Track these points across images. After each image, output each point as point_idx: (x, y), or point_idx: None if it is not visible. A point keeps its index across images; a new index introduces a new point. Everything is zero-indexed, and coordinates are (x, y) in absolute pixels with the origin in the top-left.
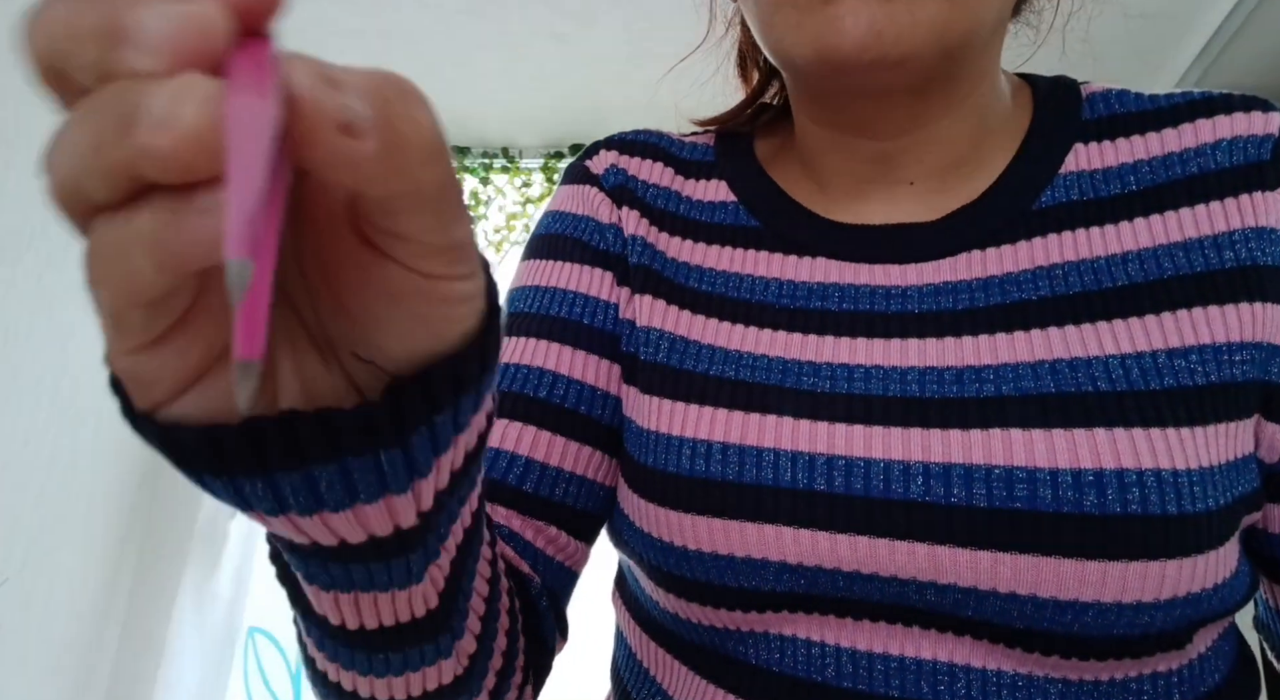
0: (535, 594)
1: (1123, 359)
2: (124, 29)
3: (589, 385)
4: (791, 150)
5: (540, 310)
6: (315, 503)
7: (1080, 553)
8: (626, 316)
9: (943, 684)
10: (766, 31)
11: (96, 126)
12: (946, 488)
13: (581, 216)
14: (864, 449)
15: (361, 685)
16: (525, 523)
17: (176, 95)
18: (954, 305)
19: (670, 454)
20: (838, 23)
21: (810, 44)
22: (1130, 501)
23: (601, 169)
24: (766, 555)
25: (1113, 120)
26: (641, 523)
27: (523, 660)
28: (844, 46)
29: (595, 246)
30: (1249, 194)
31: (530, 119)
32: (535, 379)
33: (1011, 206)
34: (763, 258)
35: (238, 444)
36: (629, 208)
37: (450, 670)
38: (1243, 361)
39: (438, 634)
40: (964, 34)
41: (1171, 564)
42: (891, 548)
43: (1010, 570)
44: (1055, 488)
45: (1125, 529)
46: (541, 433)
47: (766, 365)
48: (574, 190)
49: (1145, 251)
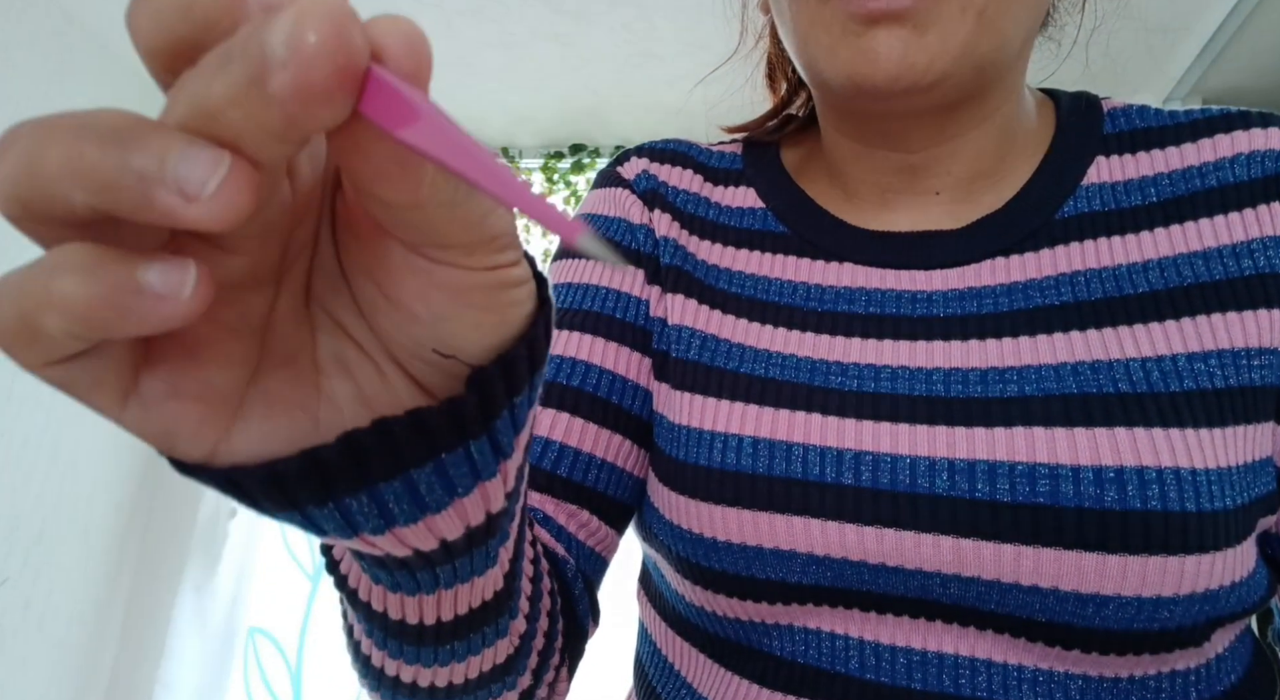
0: (570, 577)
1: (1143, 362)
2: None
3: (620, 376)
4: (818, 159)
5: (573, 305)
6: (418, 508)
7: (1101, 547)
8: (657, 315)
9: (964, 678)
10: (801, 52)
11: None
12: (971, 483)
13: (613, 218)
14: (891, 445)
15: (423, 676)
16: (559, 507)
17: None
18: (978, 309)
19: (702, 448)
20: (871, 53)
21: (844, 71)
22: (1150, 498)
23: (633, 174)
24: (795, 547)
25: (1133, 135)
26: (671, 515)
27: (561, 641)
28: (877, 77)
29: (626, 245)
30: (1267, 205)
31: (530, 119)
32: (569, 368)
33: (1035, 216)
34: (790, 262)
35: (338, 464)
36: (660, 211)
37: (505, 650)
38: (1261, 366)
39: (500, 616)
40: (992, 53)
41: (1190, 559)
42: (917, 540)
43: (1032, 563)
44: (1077, 484)
45: (1145, 524)
46: (575, 419)
47: (795, 364)
48: (606, 194)
49: (1165, 260)
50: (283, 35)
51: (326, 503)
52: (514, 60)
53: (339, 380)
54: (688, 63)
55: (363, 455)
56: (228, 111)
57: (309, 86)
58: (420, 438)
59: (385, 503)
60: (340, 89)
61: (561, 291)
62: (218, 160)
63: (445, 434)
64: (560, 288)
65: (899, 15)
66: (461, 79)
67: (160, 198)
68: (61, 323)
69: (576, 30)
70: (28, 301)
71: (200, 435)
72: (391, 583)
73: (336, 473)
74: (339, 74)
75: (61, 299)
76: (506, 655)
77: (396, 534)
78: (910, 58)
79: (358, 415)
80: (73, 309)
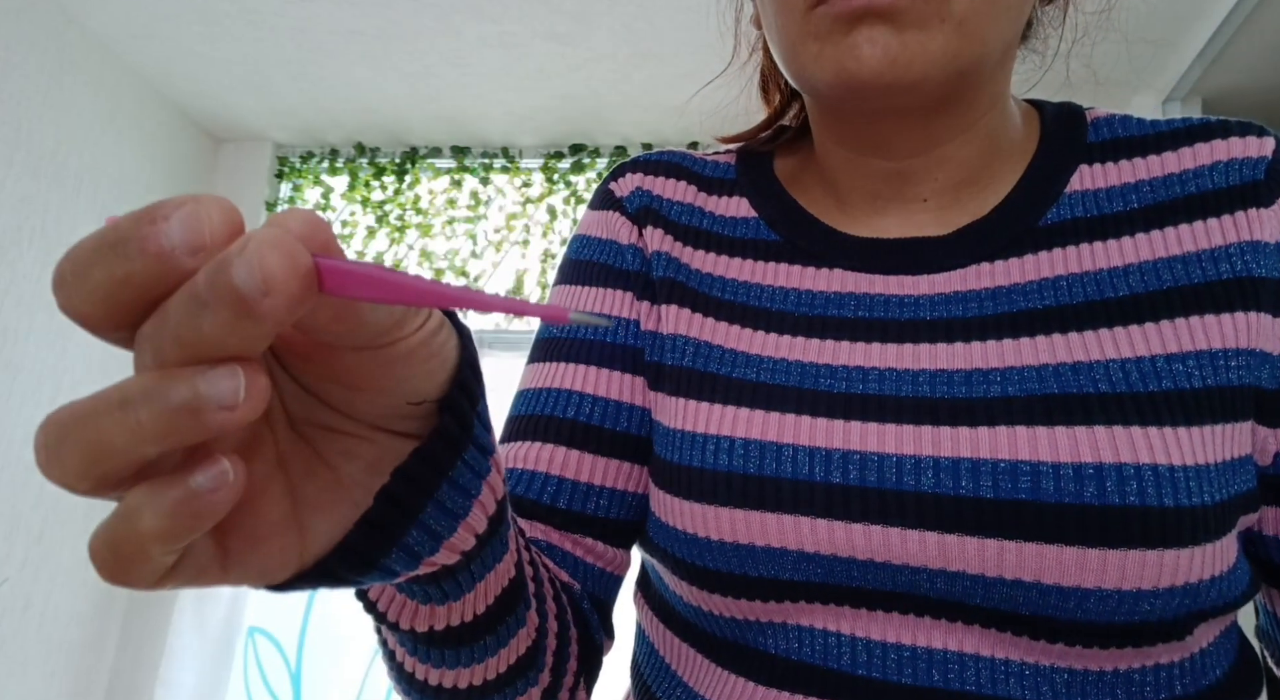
0: (577, 597)
1: (1123, 363)
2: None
3: (613, 400)
4: (810, 169)
5: (566, 334)
6: (453, 518)
7: (1081, 541)
8: (649, 328)
9: (953, 673)
10: (790, 60)
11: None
12: (955, 480)
13: (604, 240)
14: (878, 444)
15: (462, 678)
16: (563, 536)
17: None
18: (963, 313)
19: (695, 450)
20: (856, 50)
21: (831, 70)
22: (1129, 494)
23: (626, 192)
24: (785, 544)
25: (1115, 144)
26: (667, 517)
27: (576, 648)
28: (862, 73)
29: (615, 267)
30: (1244, 211)
31: (530, 119)
32: (564, 401)
33: (1019, 222)
34: (782, 269)
35: (384, 516)
36: (653, 226)
37: (525, 641)
38: (1238, 367)
39: (517, 604)
40: (974, 60)
41: (1169, 554)
42: (904, 536)
43: (1015, 558)
44: (1057, 480)
45: (1123, 519)
46: (571, 452)
47: (785, 368)
48: (598, 216)
49: (1145, 264)
50: (257, 273)
51: (391, 549)
52: (514, 60)
53: (349, 463)
54: (688, 63)
55: (398, 500)
56: (226, 339)
57: (291, 299)
58: (429, 467)
59: (429, 526)
60: (310, 288)
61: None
62: (233, 371)
63: (444, 456)
64: None
65: (880, 12)
66: (461, 79)
67: (213, 418)
68: (161, 548)
69: (576, 30)
70: (129, 546)
71: (286, 559)
72: (428, 595)
73: (386, 522)
74: (305, 280)
75: (153, 533)
76: (527, 647)
77: (447, 546)
78: (892, 54)
79: (376, 477)
80: (165, 539)
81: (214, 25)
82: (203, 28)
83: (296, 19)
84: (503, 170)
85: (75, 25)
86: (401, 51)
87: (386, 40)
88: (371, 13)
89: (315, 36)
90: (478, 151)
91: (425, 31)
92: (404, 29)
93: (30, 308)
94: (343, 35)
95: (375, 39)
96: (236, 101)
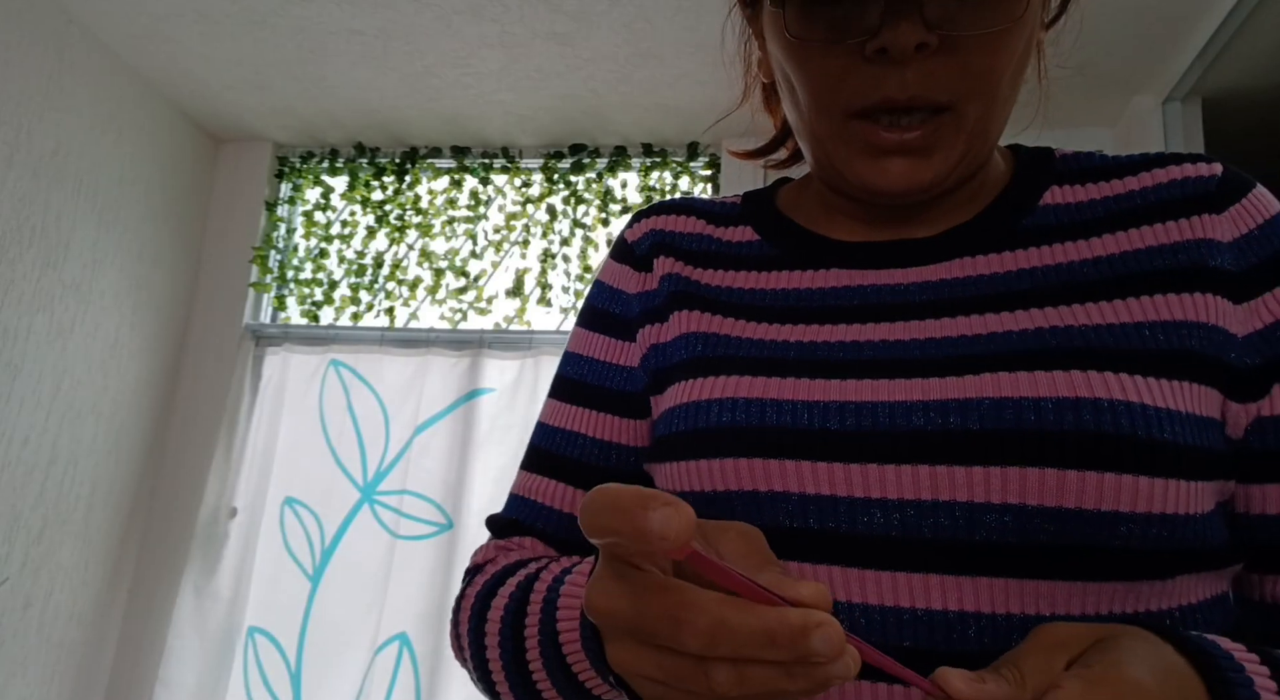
0: None
1: (1095, 327)
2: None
3: (604, 441)
4: (809, 193)
5: (574, 375)
6: None
7: (1060, 463)
8: (653, 342)
9: (955, 632)
10: (816, 150)
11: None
12: (944, 417)
13: (614, 290)
14: (871, 394)
15: None
16: (566, 559)
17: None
18: (949, 295)
19: (701, 414)
20: (885, 173)
21: (859, 179)
22: (1104, 423)
23: (637, 237)
24: (787, 488)
25: (1082, 171)
26: (671, 484)
27: None
28: (890, 188)
29: (616, 314)
30: (1199, 216)
31: (530, 119)
32: (564, 440)
33: (999, 225)
34: (783, 275)
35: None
36: (664, 256)
37: None
38: (1199, 336)
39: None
40: (983, 155)
41: (1143, 481)
42: (899, 472)
43: (1001, 482)
44: (1039, 412)
45: (1098, 444)
46: (565, 487)
47: (786, 346)
48: (612, 266)
49: (1113, 257)
50: (837, 668)
51: None
52: (514, 60)
53: None
54: (688, 63)
55: None
56: (778, 683)
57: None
58: None
59: None
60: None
61: (569, 360)
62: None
63: None
64: (569, 356)
65: (909, 147)
66: (461, 78)
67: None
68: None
69: (576, 30)
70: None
71: None
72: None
73: None
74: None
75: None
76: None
77: None
78: (919, 176)
79: None
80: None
81: (214, 25)
82: (203, 28)
83: (296, 19)
84: (503, 170)
85: (75, 25)
86: (401, 51)
87: (386, 40)
88: (371, 13)
89: (315, 36)
90: (478, 151)
91: (425, 31)
92: (404, 29)
93: (30, 308)
94: (343, 35)
95: (375, 39)
96: (236, 101)
